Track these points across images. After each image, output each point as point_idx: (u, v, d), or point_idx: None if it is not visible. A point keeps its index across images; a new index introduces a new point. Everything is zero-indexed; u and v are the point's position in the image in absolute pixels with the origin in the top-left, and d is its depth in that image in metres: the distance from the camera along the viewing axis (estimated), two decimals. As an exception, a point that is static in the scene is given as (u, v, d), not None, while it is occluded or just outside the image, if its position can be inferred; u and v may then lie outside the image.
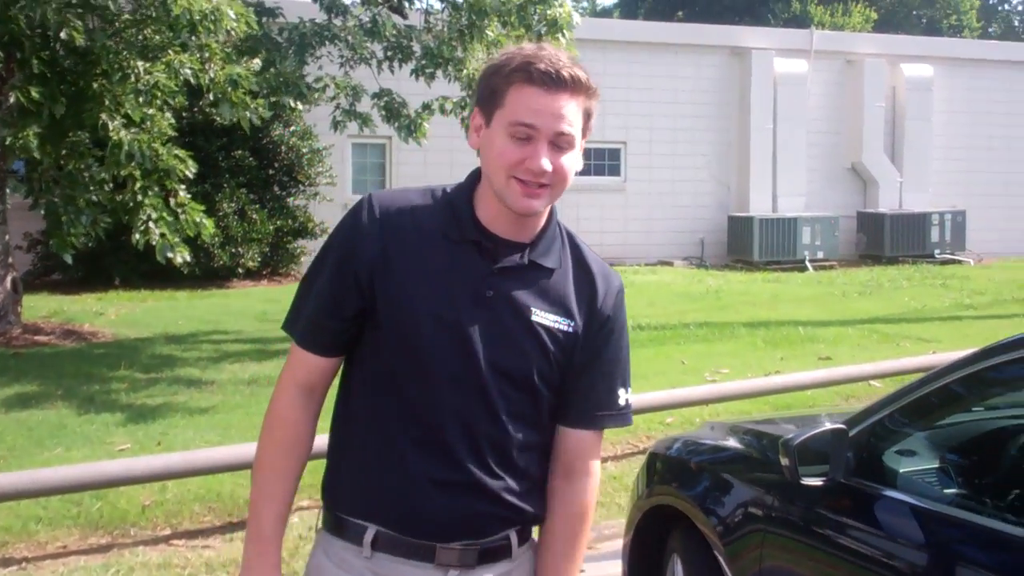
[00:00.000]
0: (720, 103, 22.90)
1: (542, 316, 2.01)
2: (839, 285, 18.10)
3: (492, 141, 1.95)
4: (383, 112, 11.99)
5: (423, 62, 11.46)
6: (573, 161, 1.96)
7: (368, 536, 1.97)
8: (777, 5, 34.29)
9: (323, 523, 2.06)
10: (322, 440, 2.09)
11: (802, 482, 2.91)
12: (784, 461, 2.92)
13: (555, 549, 2.10)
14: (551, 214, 2.07)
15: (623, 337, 2.12)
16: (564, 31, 11.11)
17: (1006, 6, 51.67)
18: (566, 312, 2.04)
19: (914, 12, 41.30)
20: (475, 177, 2.06)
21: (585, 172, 1.95)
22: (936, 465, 3.03)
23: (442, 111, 12.26)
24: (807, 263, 21.33)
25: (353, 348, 2.04)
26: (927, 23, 40.53)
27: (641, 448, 7.37)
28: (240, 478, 6.22)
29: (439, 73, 11.66)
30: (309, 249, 18.15)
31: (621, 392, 2.11)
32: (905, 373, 9.06)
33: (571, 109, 1.93)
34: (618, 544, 5.15)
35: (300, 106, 11.91)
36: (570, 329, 2.03)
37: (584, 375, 2.07)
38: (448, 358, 1.95)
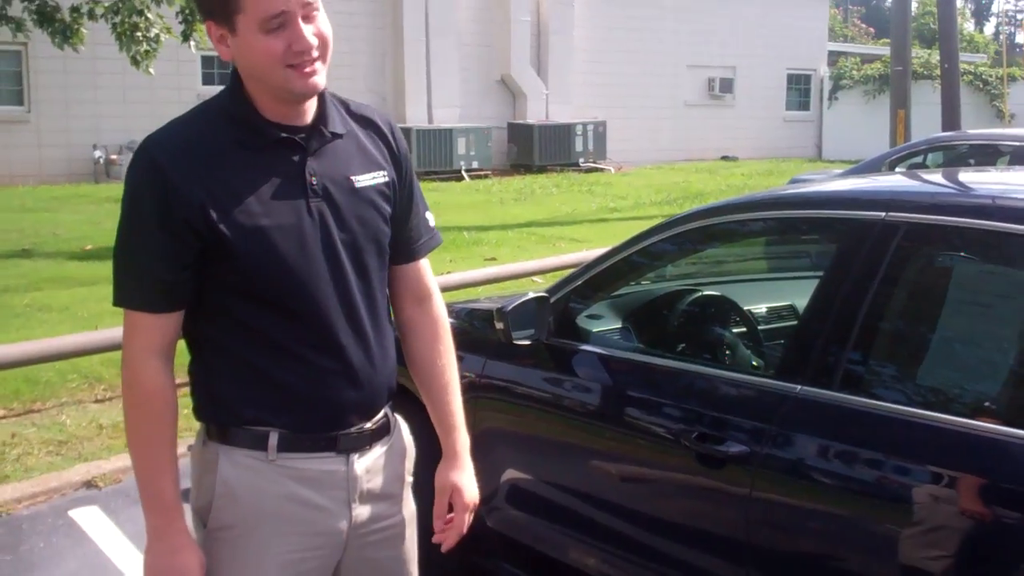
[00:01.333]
0: (374, 13, 22.97)
1: (363, 179, 2.11)
2: (496, 193, 19.07)
3: (249, 45, 1.94)
4: (34, 16, 11.27)
5: (78, -35, 10.89)
6: (325, 22, 2.00)
7: (272, 440, 2.04)
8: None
9: (212, 437, 2.08)
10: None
11: (514, 342, 3.39)
12: (499, 325, 3.37)
13: (440, 364, 2.31)
14: None
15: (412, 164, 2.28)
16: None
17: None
18: (377, 166, 2.15)
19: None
20: (237, 84, 2.05)
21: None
22: (619, 324, 3.63)
23: (91, 16, 11.65)
24: (464, 173, 22.05)
25: (203, 279, 2.01)
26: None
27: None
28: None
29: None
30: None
31: (428, 215, 2.33)
32: (564, 268, 9.93)
33: None
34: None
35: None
36: (387, 179, 2.15)
37: (410, 213, 2.25)
38: (313, 262, 2.02)
